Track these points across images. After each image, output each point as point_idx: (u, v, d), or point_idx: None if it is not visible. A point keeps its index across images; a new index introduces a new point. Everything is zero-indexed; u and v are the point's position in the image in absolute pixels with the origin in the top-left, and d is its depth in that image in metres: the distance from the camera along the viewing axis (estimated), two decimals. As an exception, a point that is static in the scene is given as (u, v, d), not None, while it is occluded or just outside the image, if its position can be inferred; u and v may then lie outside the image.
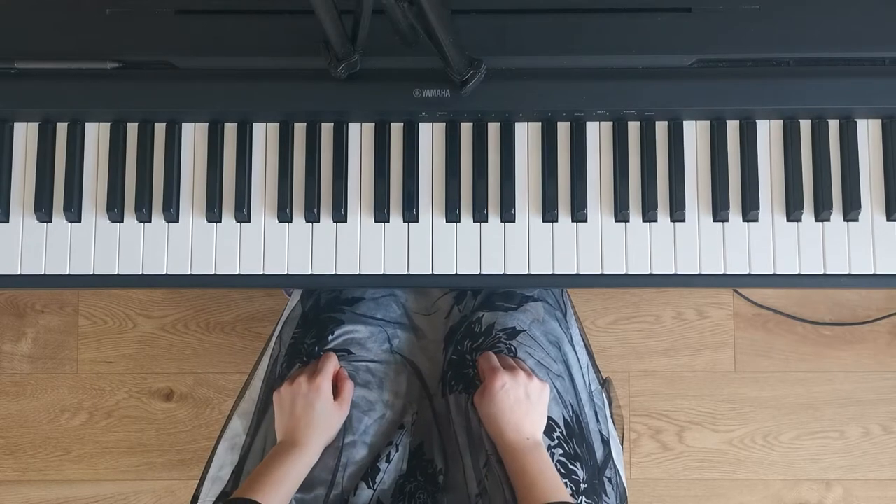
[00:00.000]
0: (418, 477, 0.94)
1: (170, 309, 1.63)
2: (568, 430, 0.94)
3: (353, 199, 0.88)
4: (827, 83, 0.85)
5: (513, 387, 0.89)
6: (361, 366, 0.97)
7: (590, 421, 1.00)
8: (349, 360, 0.97)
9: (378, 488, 0.89)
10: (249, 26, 0.86)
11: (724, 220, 0.87)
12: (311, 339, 0.99)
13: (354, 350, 0.98)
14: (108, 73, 0.86)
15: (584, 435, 0.97)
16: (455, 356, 1.00)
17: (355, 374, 0.96)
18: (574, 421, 0.96)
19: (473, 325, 1.01)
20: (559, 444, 0.92)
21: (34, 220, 0.88)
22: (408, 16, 0.74)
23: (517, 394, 0.89)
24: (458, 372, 0.98)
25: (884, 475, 1.61)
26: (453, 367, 0.99)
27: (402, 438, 0.94)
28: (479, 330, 1.00)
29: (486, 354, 0.95)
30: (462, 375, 0.97)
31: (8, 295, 1.64)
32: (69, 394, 1.62)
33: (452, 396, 0.96)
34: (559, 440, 0.93)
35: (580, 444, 0.95)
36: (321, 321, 1.00)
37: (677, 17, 0.86)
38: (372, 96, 0.86)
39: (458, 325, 1.03)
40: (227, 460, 0.97)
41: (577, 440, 0.95)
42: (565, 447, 0.92)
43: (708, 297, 1.63)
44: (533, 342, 0.99)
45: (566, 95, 0.85)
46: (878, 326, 1.62)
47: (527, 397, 0.89)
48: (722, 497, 1.61)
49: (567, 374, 1.00)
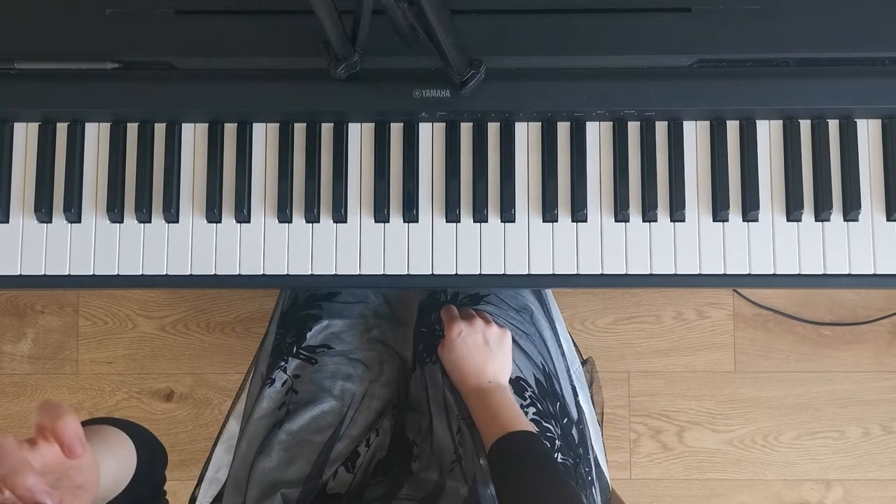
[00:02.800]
0: (398, 455, 0.94)
1: (170, 309, 1.63)
2: (540, 389, 0.96)
3: (353, 200, 0.88)
4: (827, 83, 0.85)
5: (469, 333, 0.92)
6: (343, 359, 0.98)
7: (565, 389, 1.01)
8: (330, 354, 0.98)
9: (357, 472, 0.90)
10: (249, 26, 0.86)
11: (724, 220, 0.87)
12: (290, 338, 0.99)
13: (334, 344, 0.99)
14: (108, 74, 0.86)
15: (557, 395, 0.98)
16: (424, 328, 1.02)
17: (338, 367, 0.97)
18: (546, 380, 0.97)
19: (439, 295, 1.03)
20: (532, 403, 0.93)
21: (34, 220, 0.88)
22: (408, 16, 0.74)
23: (475, 339, 0.91)
24: (429, 343, 0.99)
25: (884, 475, 1.61)
26: (423, 340, 1.01)
27: (384, 422, 0.94)
28: (444, 300, 1.02)
29: (448, 307, 0.98)
30: (432, 346, 0.98)
31: (8, 295, 1.64)
32: (69, 394, 1.62)
33: (427, 368, 0.97)
34: (531, 399, 0.94)
35: (553, 404, 0.96)
36: (299, 319, 1.01)
37: (677, 17, 0.86)
38: (372, 96, 0.86)
39: (427, 299, 1.05)
40: (224, 461, 0.97)
41: (549, 399, 0.96)
42: (538, 405, 0.93)
43: (708, 298, 1.63)
44: (498, 302, 1.00)
45: (566, 95, 0.85)
46: (878, 326, 1.62)
47: (485, 343, 0.92)
48: (722, 497, 1.61)
49: (537, 336, 1.01)
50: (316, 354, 0.98)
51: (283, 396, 0.95)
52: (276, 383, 0.96)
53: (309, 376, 0.96)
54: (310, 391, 0.95)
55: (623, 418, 1.61)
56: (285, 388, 0.96)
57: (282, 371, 0.97)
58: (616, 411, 1.61)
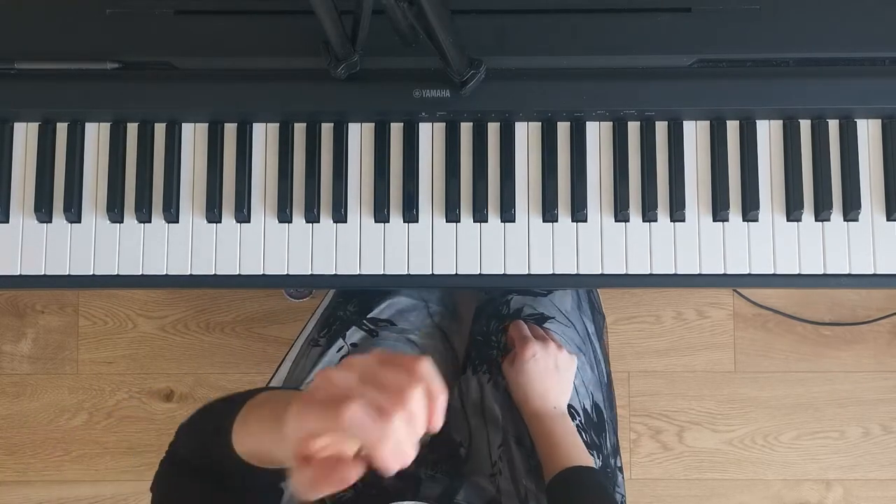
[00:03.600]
0: (440, 448, 0.94)
1: (170, 309, 1.63)
2: (587, 419, 0.95)
3: (353, 200, 0.88)
4: (827, 83, 0.85)
5: (543, 356, 0.90)
6: (402, 337, 0.97)
7: (609, 415, 1.01)
8: (393, 330, 0.97)
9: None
10: (249, 26, 0.86)
11: (724, 220, 0.87)
12: (353, 307, 0.98)
13: (398, 322, 0.98)
14: (108, 74, 0.86)
15: (603, 425, 0.98)
16: (480, 336, 1.00)
17: (396, 345, 0.96)
18: (594, 411, 0.97)
19: (501, 306, 1.01)
20: (578, 433, 0.93)
21: (34, 220, 0.88)
22: (408, 16, 0.74)
23: (547, 363, 0.90)
24: (482, 352, 0.98)
25: (884, 475, 1.61)
26: (477, 348, 0.99)
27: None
28: (506, 312, 1.01)
29: (517, 323, 0.95)
30: (485, 356, 0.97)
31: (8, 295, 1.64)
32: (69, 394, 1.62)
33: (476, 377, 0.97)
34: (579, 428, 0.93)
35: (598, 435, 0.96)
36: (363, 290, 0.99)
37: (677, 17, 0.86)
38: (372, 96, 0.86)
39: (485, 306, 1.04)
40: None
41: (595, 430, 0.95)
42: (583, 436, 0.93)
43: (708, 297, 1.63)
44: (561, 328, 0.99)
45: (566, 95, 0.85)
46: (878, 326, 1.62)
47: (556, 368, 0.91)
48: (722, 497, 1.61)
49: (593, 363, 1.01)
50: (379, 328, 0.97)
51: (337, 362, 0.95)
52: (333, 347, 0.95)
53: (367, 348, 0.95)
54: None
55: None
56: (340, 355, 0.95)
57: (342, 339, 0.96)
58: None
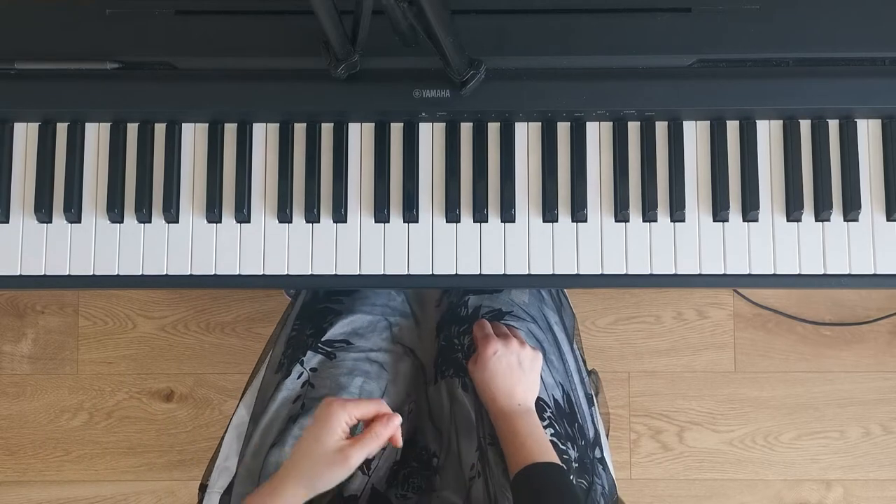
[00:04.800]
0: (412, 463, 0.94)
1: (170, 309, 1.63)
2: (558, 410, 0.95)
3: (353, 200, 0.88)
4: (827, 83, 0.85)
5: (505, 353, 0.90)
6: (362, 356, 0.97)
7: (582, 402, 1.00)
8: (349, 350, 0.97)
9: (372, 474, 0.89)
10: (249, 26, 0.86)
11: (724, 220, 0.87)
12: (310, 330, 0.99)
13: (354, 341, 0.98)
14: (108, 74, 0.86)
15: (575, 415, 0.98)
16: (444, 342, 1.01)
17: (356, 365, 0.96)
18: (565, 401, 0.97)
19: (459, 308, 1.02)
20: (550, 424, 0.93)
21: (34, 220, 0.88)
22: (408, 16, 0.74)
23: (509, 360, 0.90)
24: (448, 357, 0.99)
25: (884, 475, 1.61)
26: (443, 353, 1.00)
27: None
28: (465, 314, 1.01)
29: (481, 322, 0.96)
30: (452, 360, 0.98)
31: (8, 295, 1.64)
32: (69, 394, 1.62)
33: (444, 382, 0.97)
34: (550, 419, 0.93)
35: (571, 425, 0.95)
36: (319, 312, 1.00)
37: (677, 17, 0.86)
38: (372, 97, 0.86)
39: (447, 312, 1.04)
40: (233, 449, 0.97)
41: (567, 420, 0.95)
42: (556, 427, 0.93)
43: (708, 297, 1.63)
44: (520, 321, 0.99)
45: (566, 95, 0.85)
46: (878, 326, 1.62)
47: (519, 364, 0.91)
48: (722, 497, 1.61)
49: (557, 354, 1.01)
50: (335, 349, 0.97)
51: (299, 389, 0.95)
52: (292, 375, 0.95)
53: (327, 371, 0.96)
54: (327, 386, 0.94)
55: (623, 418, 1.61)
56: (301, 381, 0.96)
57: (300, 364, 0.96)
58: (616, 411, 1.61)
